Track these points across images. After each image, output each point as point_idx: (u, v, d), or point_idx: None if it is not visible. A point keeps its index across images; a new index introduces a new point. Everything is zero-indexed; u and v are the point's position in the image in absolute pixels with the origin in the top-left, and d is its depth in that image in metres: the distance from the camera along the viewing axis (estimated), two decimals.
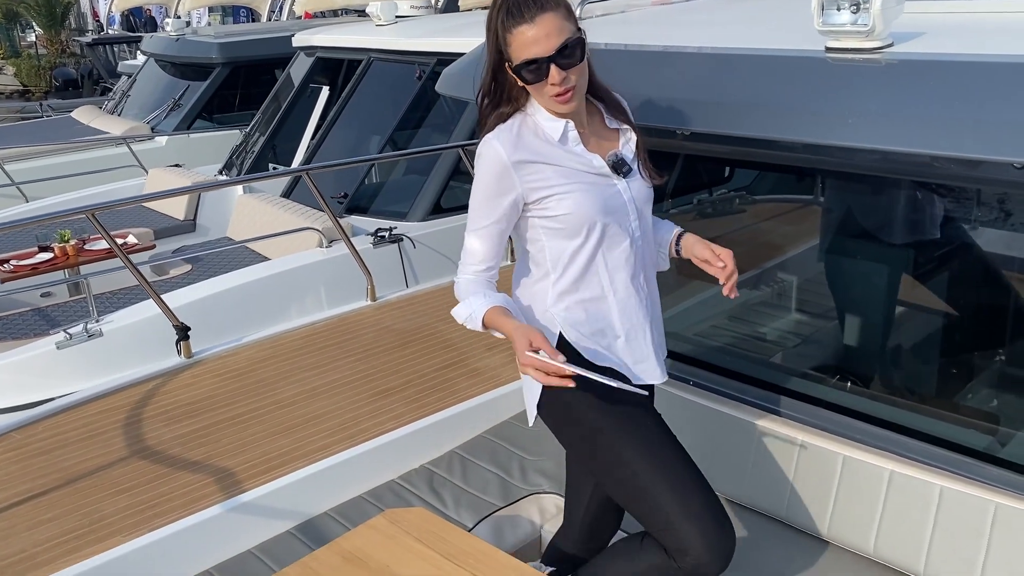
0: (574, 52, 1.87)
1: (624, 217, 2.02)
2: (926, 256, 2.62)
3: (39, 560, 2.52)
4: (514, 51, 1.88)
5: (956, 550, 2.22)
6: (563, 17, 1.87)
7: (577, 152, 1.99)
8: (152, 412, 3.37)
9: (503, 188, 1.95)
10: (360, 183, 6.63)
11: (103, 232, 3.57)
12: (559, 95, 1.89)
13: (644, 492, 1.97)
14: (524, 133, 1.97)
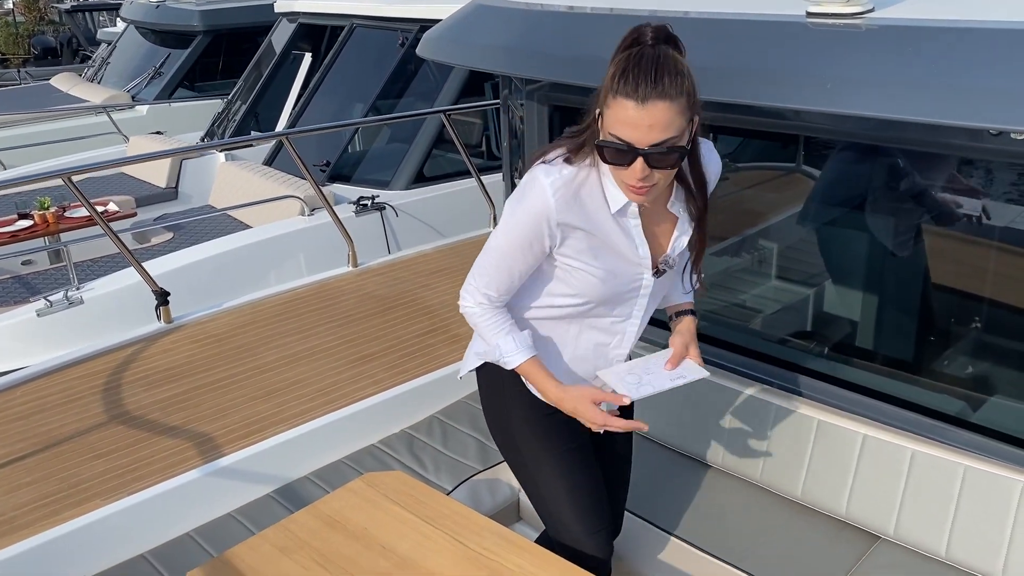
0: (670, 156, 1.64)
1: (629, 306, 1.95)
2: (905, 224, 2.63)
3: (18, 523, 2.52)
4: (608, 117, 1.64)
5: (927, 512, 2.26)
6: (677, 111, 1.61)
7: (629, 230, 1.83)
8: (131, 377, 3.37)
9: (537, 237, 1.80)
10: (342, 151, 6.59)
11: (80, 196, 3.53)
12: (633, 188, 1.69)
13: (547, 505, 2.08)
14: (583, 191, 1.77)
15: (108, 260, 5.72)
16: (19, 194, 7.15)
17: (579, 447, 2.06)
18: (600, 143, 1.67)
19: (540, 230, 1.77)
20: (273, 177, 6.16)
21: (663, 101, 1.58)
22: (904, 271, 2.63)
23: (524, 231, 1.79)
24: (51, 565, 2.43)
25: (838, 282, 2.78)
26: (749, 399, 2.60)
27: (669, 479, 2.70)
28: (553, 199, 1.73)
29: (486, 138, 6.66)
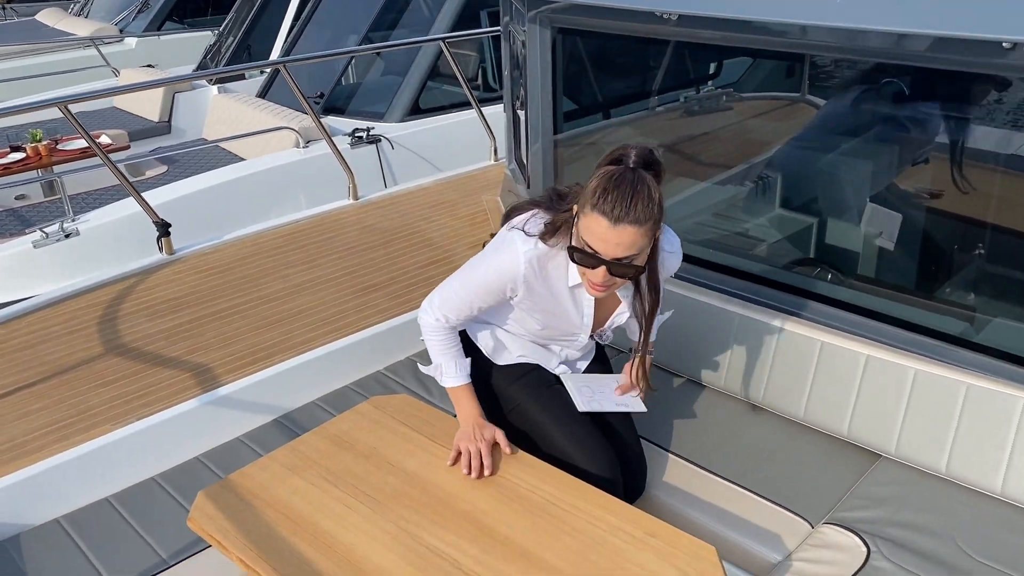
0: (629, 271, 1.91)
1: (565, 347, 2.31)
2: (910, 148, 2.62)
3: (29, 448, 2.55)
4: (583, 225, 1.89)
5: (928, 430, 2.30)
6: (643, 234, 1.86)
7: (581, 303, 2.15)
8: (135, 307, 3.37)
9: (501, 289, 2.09)
10: (336, 83, 6.51)
11: (77, 126, 3.48)
12: (593, 286, 1.96)
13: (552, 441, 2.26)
14: (550, 265, 2.06)
15: (103, 192, 5.68)
16: (10, 127, 7.06)
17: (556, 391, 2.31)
18: (572, 248, 1.94)
19: (504, 285, 2.07)
20: (267, 109, 6.09)
21: (632, 226, 1.83)
22: (907, 194, 2.63)
23: (491, 281, 2.08)
24: (63, 487, 2.46)
25: (841, 207, 2.78)
26: (753, 323, 2.62)
27: (673, 402, 2.74)
28: (523, 267, 2.03)
29: (482, 70, 6.57)
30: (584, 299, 2.15)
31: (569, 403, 2.28)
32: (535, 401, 2.28)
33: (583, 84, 3.35)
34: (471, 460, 2.06)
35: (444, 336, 2.18)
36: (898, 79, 2.51)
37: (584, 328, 2.21)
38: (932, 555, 2.04)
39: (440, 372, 2.20)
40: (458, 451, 2.09)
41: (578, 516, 1.91)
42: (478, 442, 2.08)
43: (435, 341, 2.19)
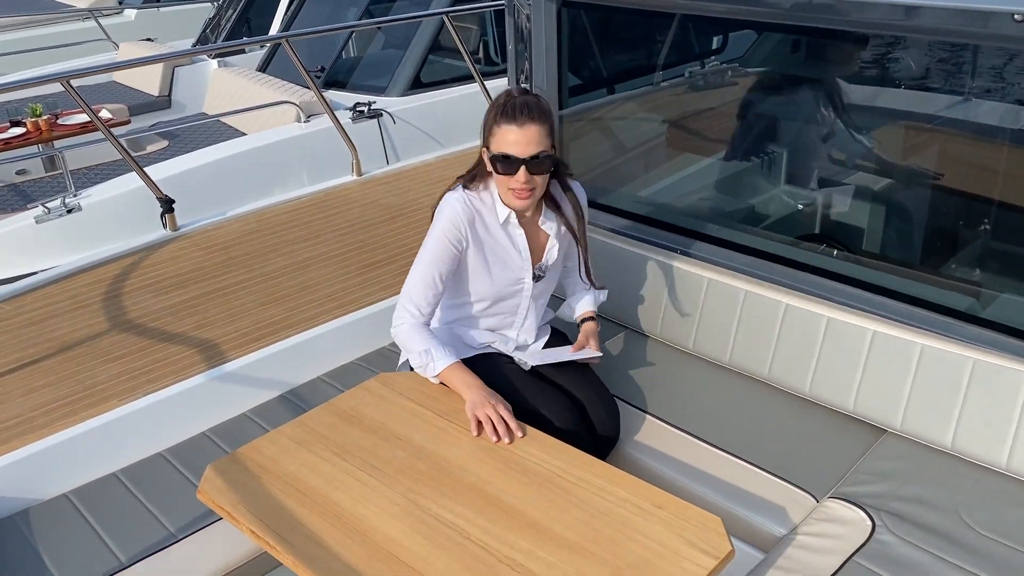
0: (544, 164, 2.21)
1: (516, 302, 2.45)
2: (916, 123, 2.61)
3: (37, 423, 2.56)
4: (495, 143, 2.20)
5: (934, 405, 2.31)
6: (545, 133, 2.19)
7: (515, 238, 2.37)
8: (140, 283, 3.37)
9: (454, 239, 2.29)
10: (337, 57, 6.46)
11: (80, 101, 3.46)
12: (517, 191, 2.21)
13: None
14: (479, 204, 2.33)
15: (104, 168, 5.66)
16: (10, 102, 7.02)
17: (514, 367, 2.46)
18: (493, 156, 2.21)
19: (455, 232, 2.28)
20: (267, 83, 6.05)
21: (535, 124, 2.17)
22: (915, 170, 2.62)
23: (443, 236, 2.28)
24: (71, 463, 2.48)
25: (848, 183, 2.77)
26: (760, 299, 2.63)
27: (680, 378, 2.75)
28: (460, 205, 2.29)
29: (483, 43, 6.53)
30: (516, 234, 2.36)
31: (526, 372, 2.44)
32: (494, 375, 2.35)
33: (588, 58, 3.33)
34: (495, 425, 2.10)
35: (419, 330, 2.30)
36: (905, 52, 2.49)
37: (525, 264, 2.39)
38: (937, 529, 2.06)
39: (431, 358, 2.26)
40: (478, 421, 2.12)
41: (585, 488, 1.92)
42: (496, 406, 2.13)
43: (413, 339, 2.29)
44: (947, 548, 2.00)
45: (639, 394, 2.68)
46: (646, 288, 2.92)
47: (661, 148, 3.24)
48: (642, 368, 2.81)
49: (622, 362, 2.85)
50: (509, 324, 2.52)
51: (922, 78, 2.51)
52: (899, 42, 2.46)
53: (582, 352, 2.48)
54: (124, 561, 2.16)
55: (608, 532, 1.81)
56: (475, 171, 2.35)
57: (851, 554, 2.01)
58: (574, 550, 1.76)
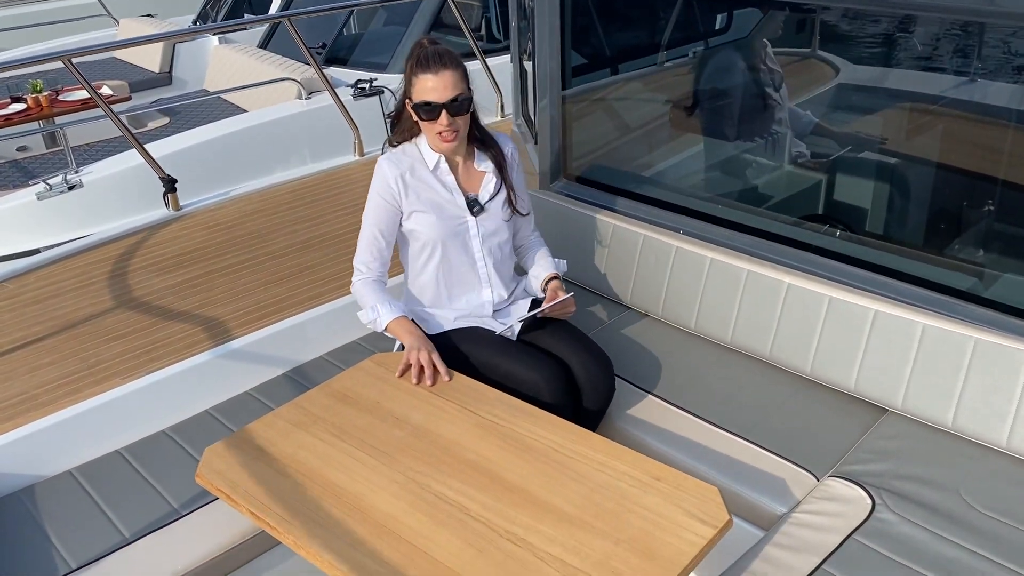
0: (463, 105, 2.33)
1: (467, 244, 2.51)
2: (920, 103, 2.60)
3: (40, 400, 2.57)
4: (416, 93, 2.32)
5: (935, 384, 2.31)
6: (460, 77, 2.32)
7: (445, 181, 2.47)
8: (143, 263, 3.37)
9: (389, 194, 2.42)
10: (338, 33, 6.41)
11: (80, 78, 3.45)
12: (442, 135, 2.34)
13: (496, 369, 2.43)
14: (408, 156, 2.46)
15: (105, 144, 5.64)
16: (10, 78, 6.99)
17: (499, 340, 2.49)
18: (415, 105, 2.33)
19: (389, 187, 2.41)
20: (268, 60, 6.01)
21: (449, 69, 2.29)
22: (918, 149, 2.61)
23: (376, 196, 2.43)
24: (75, 440, 2.49)
25: (852, 163, 2.76)
26: (762, 278, 2.63)
27: (680, 356, 2.75)
28: (387, 164, 2.43)
29: (486, 20, 6.48)
30: (447, 178, 2.47)
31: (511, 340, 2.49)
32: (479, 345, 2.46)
33: (592, 37, 3.31)
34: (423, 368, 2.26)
35: (369, 287, 2.45)
36: (911, 31, 2.47)
37: (458, 200, 2.47)
38: (937, 507, 2.07)
39: (377, 314, 2.41)
40: (407, 364, 2.29)
41: (583, 462, 1.93)
42: (428, 352, 2.30)
43: (364, 296, 2.45)
44: (947, 526, 2.01)
45: (640, 373, 2.69)
46: (648, 268, 2.92)
47: (664, 128, 3.23)
48: (644, 348, 2.82)
49: (624, 341, 2.86)
50: (475, 280, 2.55)
51: (928, 57, 2.50)
52: (905, 21, 2.44)
53: (555, 301, 2.51)
54: (128, 536, 2.18)
55: (608, 505, 1.82)
56: (401, 127, 2.49)
57: (851, 532, 2.02)
58: (574, 523, 1.78)
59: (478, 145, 2.53)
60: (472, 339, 2.46)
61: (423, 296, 2.57)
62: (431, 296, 2.56)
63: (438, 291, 2.55)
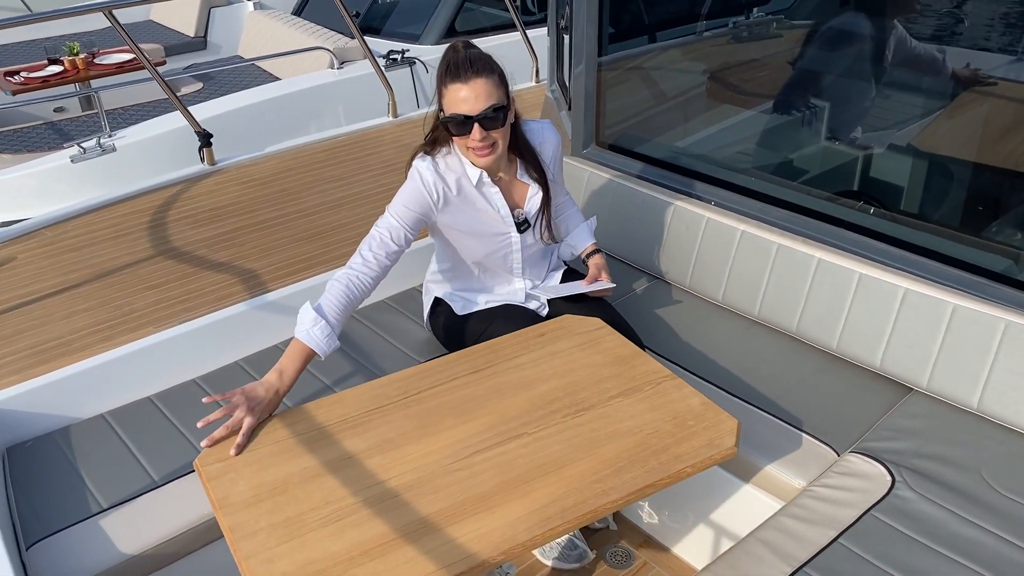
0: (497, 117, 2.11)
1: (508, 256, 2.43)
2: (962, 82, 2.58)
3: (75, 346, 2.62)
4: (446, 104, 2.13)
5: (962, 365, 2.31)
6: (495, 84, 2.10)
7: (491, 197, 2.32)
8: (178, 215, 3.42)
9: (418, 201, 2.24)
10: (371, 3, 6.43)
11: (120, 31, 3.49)
12: (476, 150, 2.15)
13: None
14: (446, 167, 2.26)
15: (139, 108, 5.70)
16: (48, 39, 7.07)
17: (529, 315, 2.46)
18: (443, 119, 2.14)
19: (422, 200, 2.23)
20: (303, 28, 6.04)
21: (481, 77, 2.07)
22: (959, 129, 2.58)
23: (408, 201, 2.23)
24: (108, 385, 2.54)
25: (890, 140, 2.74)
26: (792, 253, 2.62)
27: (708, 329, 2.76)
28: (429, 174, 2.22)
29: None
30: (491, 193, 2.32)
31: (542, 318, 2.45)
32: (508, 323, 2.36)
33: (630, 6, 3.30)
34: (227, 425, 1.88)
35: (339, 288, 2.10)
36: (957, 6, 2.45)
37: (506, 220, 2.35)
38: (957, 487, 2.07)
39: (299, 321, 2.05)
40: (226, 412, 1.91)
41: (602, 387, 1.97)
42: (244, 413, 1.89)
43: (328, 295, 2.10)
44: (966, 506, 2.02)
45: (665, 343, 2.70)
46: (678, 238, 2.93)
47: (700, 98, 3.22)
48: (670, 318, 2.83)
49: (650, 311, 2.87)
50: (510, 279, 2.52)
51: (973, 35, 2.47)
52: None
53: (595, 284, 2.48)
54: (156, 480, 2.23)
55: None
56: (435, 136, 2.27)
57: (869, 507, 2.03)
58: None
59: (519, 155, 2.35)
60: (503, 316, 2.43)
61: (452, 280, 2.53)
62: (462, 283, 2.52)
63: (470, 282, 2.51)
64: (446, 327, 2.57)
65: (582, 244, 2.60)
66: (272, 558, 1.58)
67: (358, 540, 1.61)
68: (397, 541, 1.60)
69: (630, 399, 1.97)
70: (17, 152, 5.06)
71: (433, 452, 1.82)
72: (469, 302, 2.53)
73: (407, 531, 1.62)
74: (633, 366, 2.09)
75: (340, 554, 1.58)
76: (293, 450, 1.83)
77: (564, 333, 2.22)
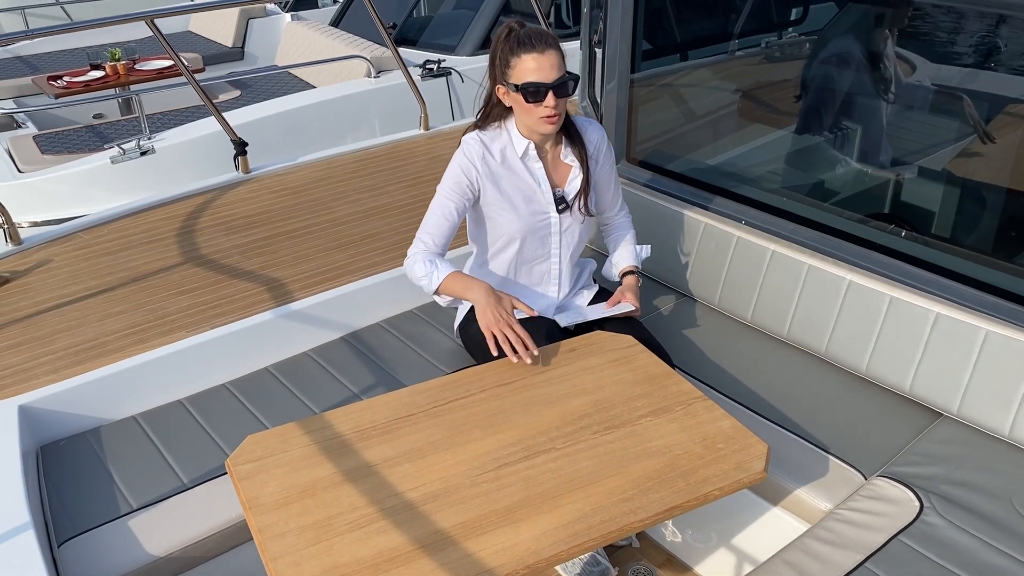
0: (568, 86, 2.23)
1: (546, 240, 2.47)
2: (1001, 105, 2.56)
3: (109, 348, 2.67)
4: (516, 74, 2.21)
5: (994, 392, 2.28)
6: (561, 59, 2.23)
7: (533, 170, 2.40)
8: (211, 222, 3.47)
9: (467, 174, 2.34)
10: (408, 14, 6.49)
11: (161, 39, 3.55)
12: (548, 118, 2.24)
13: None
14: (495, 143, 2.37)
15: (178, 113, 5.80)
16: (90, 46, 7.21)
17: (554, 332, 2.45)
18: (520, 87, 2.20)
19: (469, 167, 2.34)
20: (340, 38, 6.11)
21: (553, 50, 2.20)
22: (994, 154, 2.56)
23: (456, 171, 2.35)
24: (140, 387, 2.58)
25: (922, 163, 2.72)
26: (822, 274, 2.61)
27: (736, 348, 2.75)
28: (474, 143, 2.35)
29: (555, 6, 6.50)
30: (535, 167, 2.40)
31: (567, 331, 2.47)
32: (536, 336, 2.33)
33: (664, 23, 3.31)
34: (512, 343, 2.13)
35: (424, 256, 2.33)
36: (990, 30, 2.43)
37: (547, 196, 2.41)
38: (987, 515, 2.05)
39: (430, 279, 2.30)
40: (495, 337, 2.15)
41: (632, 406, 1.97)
42: (507, 319, 2.16)
43: (417, 263, 2.33)
44: (996, 535, 1.99)
45: (693, 361, 2.70)
46: (708, 256, 2.92)
47: (731, 117, 3.22)
48: (698, 336, 2.82)
49: (679, 329, 2.87)
50: (546, 277, 2.54)
51: (1007, 57, 2.45)
52: (988, 18, 2.40)
53: (617, 307, 2.50)
54: (186, 483, 2.25)
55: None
56: (489, 111, 2.39)
57: (896, 532, 2.01)
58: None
59: (565, 136, 2.43)
60: (533, 329, 2.41)
61: (490, 280, 2.55)
62: (498, 282, 2.54)
63: (506, 280, 2.54)
64: (476, 335, 2.57)
65: (623, 263, 2.62)
66: (299, 560, 1.59)
67: (384, 547, 1.62)
68: (423, 550, 1.61)
69: (660, 419, 1.97)
70: (59, 153, 5.16)
71: (461, 463, 1.83)
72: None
73: (433, 541, 1.63)
74: (664, 385, 2.09)
75: (366, 560, 1.59)
76: (323, 454, 1.85)
77: (595, 349, 2.22)
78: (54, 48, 7.38)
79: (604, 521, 1.69)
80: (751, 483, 1.81)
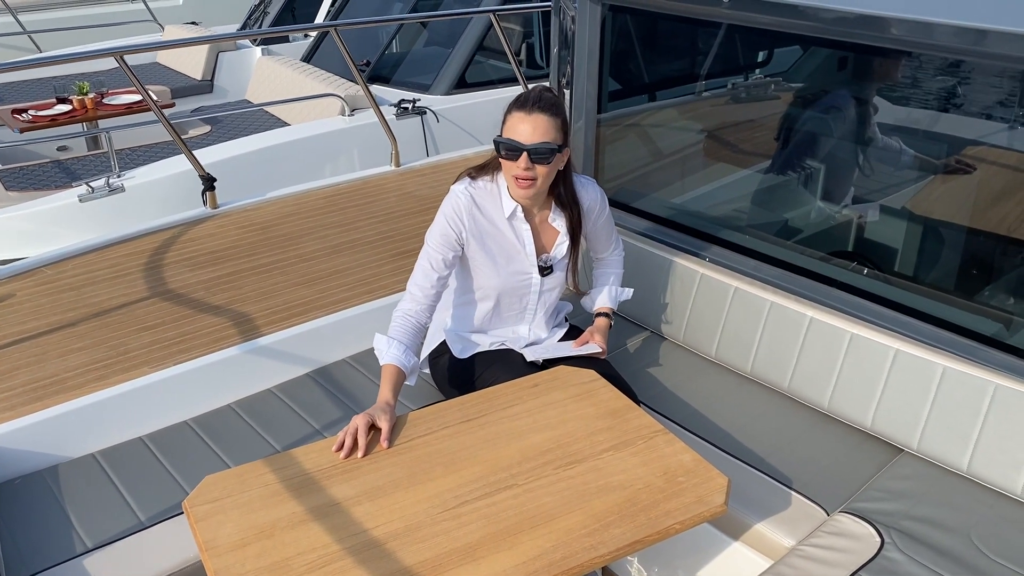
0: (546, 154, 2.22)
1: (524, 297, 2.49)
2: (958, 147, 2.62)
3: (69, 384, 2.63)
4: (506, 129, 2.25)
5: (952, 427, 2.31)
6: (555, 127, 2.23)
7: (520, 232, 2.41)
8: (177, 257, 3.45)
9: (453, 226, 2.35)
10: (382, 51, 6.53)
11: (131, 75, 3.55)
12: (519, 180, 2.24)
13: None
14: (484, 195, 2.38)
15: (146, 149, 5.76)
16: (57, 78, 7.17)
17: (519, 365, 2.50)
18: (497, 140, 2.24)
19: (455, 220, 2.34)
20: (312, 74, 6.13)
21: (544, 114, 2.21)
22: (949, 191, 2.62)
23: (445, 220, 2.34)
24: (100, 424, 2.54)
25: (884, 203, 2.78)
26: (785, 311, 2.65)
27: (700, 384, 2.77)
28: (462, 196, 2.35)
29: (527, 46, 6.58)
30: (521, 228, 2.40)
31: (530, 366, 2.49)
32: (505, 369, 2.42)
33: (630, 64, 3.36)
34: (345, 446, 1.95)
35: (402, 321, 2.29)
36: (949, 73, 2.50)
37: (531, 259, 2.42)
38: (946, 550, 2.07)
39: (380, 355, 2.24)
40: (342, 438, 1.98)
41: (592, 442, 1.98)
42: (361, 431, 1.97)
43: (394, 323, 2.30)
44: (955, 570, 2.01)
45: (657, 397, 2.71)
46: (672, 293, 2.95)
47: (697, 156, 3.27)
48: (662, 372, 2.84)
49: (643, 365, 2.88)
50: (519, 320, 2.56)
51: (966, 101, 2.52)
52: (943, 63, 2.47)
53: (584, 347, 2.52)
54: (144, 522, 2.22)
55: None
56: (487, 163, 2.41)
57: (857, 568, 2.02)
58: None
59: (558, 202, 2.43)
60: (501, 362, 2.46)
61: (463, 321, 2.56)
62: (473, 325, 2.56)
63: (481, 324, 2.55)
64: (444, 369, 2.59)
65: (598, 304, 2.67)
66: None
67: None
68: None
69: (622, 453, 1.98)
70: (24, 190, 5.10)
71: (422, 501, 1.82)
72: (469, 345, 2.55)
73: None
74: (626, 419, 2.10)
75: None
76: (282, 494, 1.83)
77: (558, 384, 2.23)
78: (17, 79, 7.32)
79: (565, 557, 1.68)
80: (712, 516, 1.82)
